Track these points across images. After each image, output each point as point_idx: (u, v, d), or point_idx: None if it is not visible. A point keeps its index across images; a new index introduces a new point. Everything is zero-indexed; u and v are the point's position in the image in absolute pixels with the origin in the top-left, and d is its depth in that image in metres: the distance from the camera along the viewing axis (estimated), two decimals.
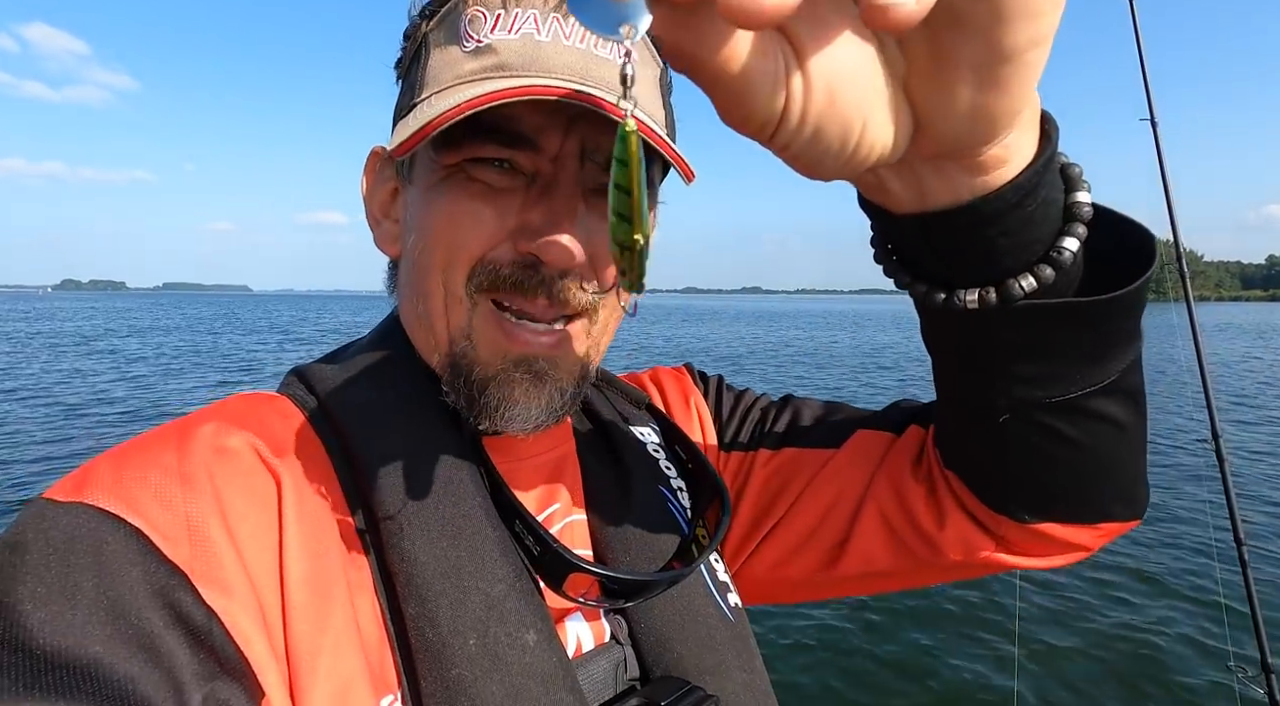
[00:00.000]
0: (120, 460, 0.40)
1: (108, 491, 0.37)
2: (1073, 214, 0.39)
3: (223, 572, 0.37)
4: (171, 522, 0.37)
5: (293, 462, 0.44)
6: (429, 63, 0.49)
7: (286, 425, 0.48)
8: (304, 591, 0.40)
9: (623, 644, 0.53)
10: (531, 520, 0.47)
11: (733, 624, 0.57)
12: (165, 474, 0.39)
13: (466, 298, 0.48)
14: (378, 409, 0.49)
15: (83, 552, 0.35)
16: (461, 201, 0.47)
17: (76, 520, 0.36)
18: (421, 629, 0.42)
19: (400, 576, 0.43)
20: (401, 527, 0.44)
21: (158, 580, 0.35)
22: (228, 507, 0.39)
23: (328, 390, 0.50)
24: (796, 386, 13.23)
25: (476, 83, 0.46)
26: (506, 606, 0.44)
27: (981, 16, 0.25)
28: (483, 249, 0.48)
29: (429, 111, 0.45)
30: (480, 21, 0.47)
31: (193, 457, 0.40)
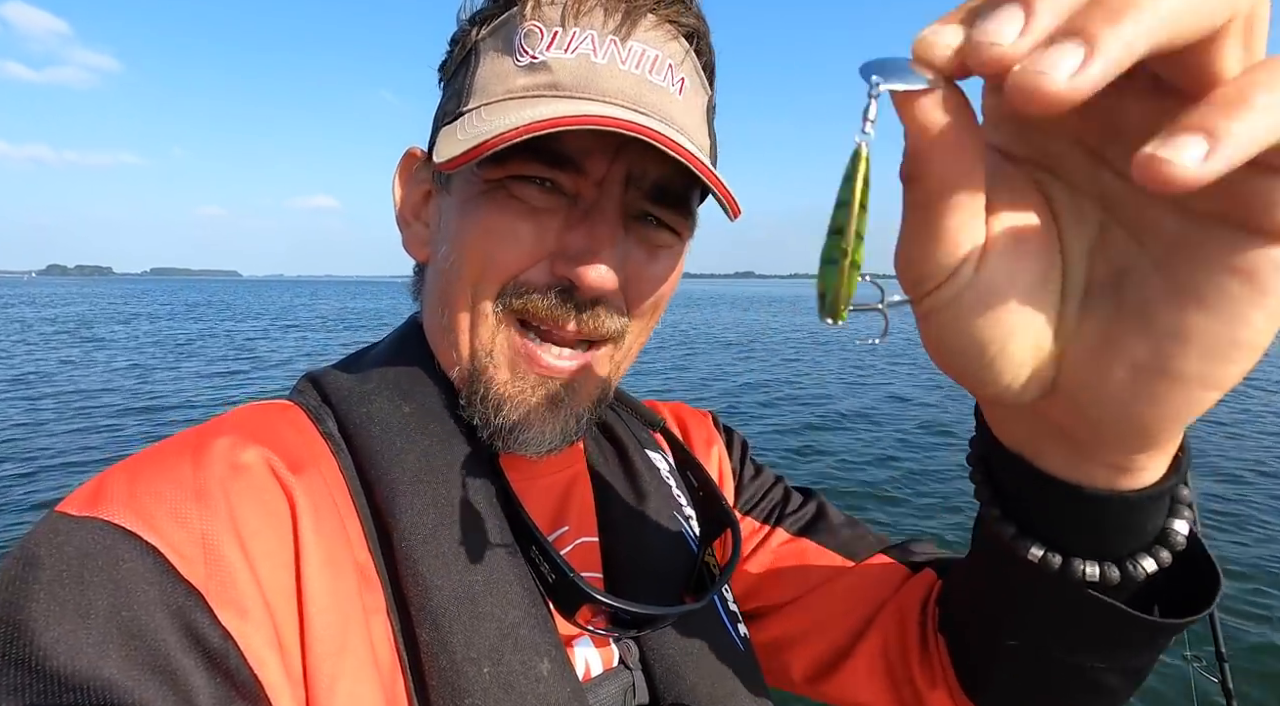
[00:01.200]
0: (135, 474, 0.39)
1: (123, 506, 0.36)
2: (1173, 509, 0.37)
3: (238, 593, 0.36)
4: (187, 540, 0.36)
5: (308, 479, 0.43)
6: (478, 71, 0.49)
7: (301, 439, 0.46)
8: (322, 613, 0.39)
9: (631, 668, 0.52)
10: (548, 546, 0.46)
11: (743, 653, 0.57)
12: (181, 489, 0.38)
13: (493, 314, 0.48)
14: (395, 424, 0.48)
15: (98, 570, 0.34)
16: (501, 218, 0.47)
17: (91, 536, 0.35)
18: (435, 655, 0.41)
19: (415, 600, 0.42)
20: (417, 550, 0.43)
21: (174, 600, 0.34)
22: (243, 525, 0.38)
23: (344, 402, 0.49)
24: (800, 378, 13.27)
25: (529, 100, 0.46)
26: (521, 634, 0.43)
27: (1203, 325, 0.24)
28: (518, 268, 0.47)
29: (482, 127, 0.44)
30: (536, 37, 0.47)
31: (208, 473, 0.39)
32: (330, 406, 0.49)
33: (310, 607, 0.39)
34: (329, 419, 0.49)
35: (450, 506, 0.45)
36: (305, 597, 0.39)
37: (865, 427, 8.56)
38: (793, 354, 16.20)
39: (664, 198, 0.49)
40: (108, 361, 14.17)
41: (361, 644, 0.40)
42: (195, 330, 22.39)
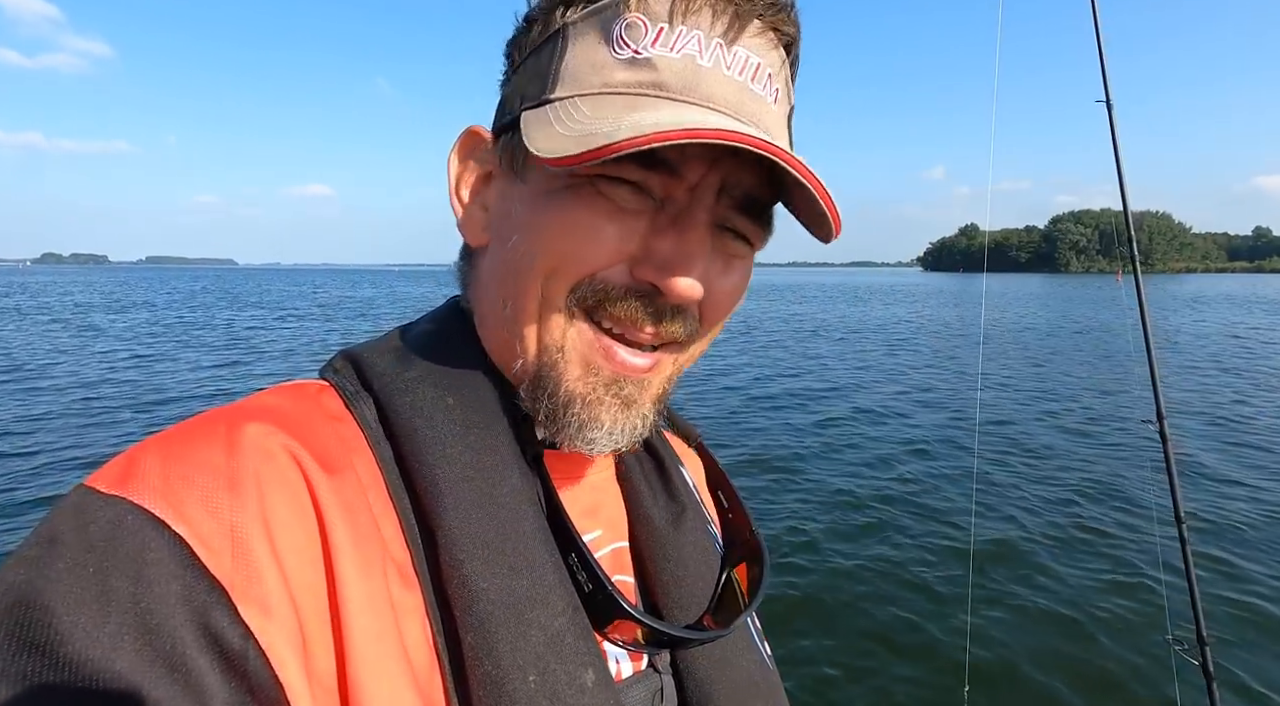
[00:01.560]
0: (168, 454, 0.37)
1: (154, 491, 0.35)
2: None
3: (264, 590, 0.35)
4: (216, 532, 0.35)
5: (339, 475, 0.41)
6: (567, 57, 0.46)
7: (335, 429, 0.44)
8: (356, 613, 0.38)
9: (661, 672, 0.52)
10: (589, 556, 0.45)
11: (771, 673, 0.58)
12: (214, 476, 0.36)
13: (564, 310, 0.46)
14: (440, 417, 0.46)
15: (122, 557, 0.33)
16: (586, 215, 0.45)
17: (119, 518, 0.34)
18: (480, 660, 0.40)
19: (459, 603, 0.41)
20: (463, 551, 0.42)
21: (197, 596, 0.33)
22: (273, 518, 0.37)
23: (385, 389, 0.47)
24: (812, 366, 13.25)
25: (635, 98, 0.44)
26: (566, 642, 0.42)
27: None
28: (595, 267, 0.46)
29: (592, 124, 0.42)
30: (640, 31, 0.44)
31: (241, 460, 0.38)
32: (370, 392, 0.47)
33: (344, 607, 0.37)
34: (368, 406, 0.46)
35: (495, 506, 0.44)
36: (339, 596, 0.38)
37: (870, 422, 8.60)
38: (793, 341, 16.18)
39: (751, 208, 0.48)
40: (106, 351, 14.13)
41: (395, 645, 0.39)
42: (195, 319, 22.31)
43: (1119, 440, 7.43)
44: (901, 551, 4.64)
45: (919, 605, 3.95)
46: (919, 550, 4.66)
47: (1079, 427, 8.11)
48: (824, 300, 39.16)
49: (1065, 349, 15.85)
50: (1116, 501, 5.56)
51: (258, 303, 31.96)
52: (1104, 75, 2.20)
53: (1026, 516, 5.26)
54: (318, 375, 0.50)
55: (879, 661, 3.45)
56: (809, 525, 4.96)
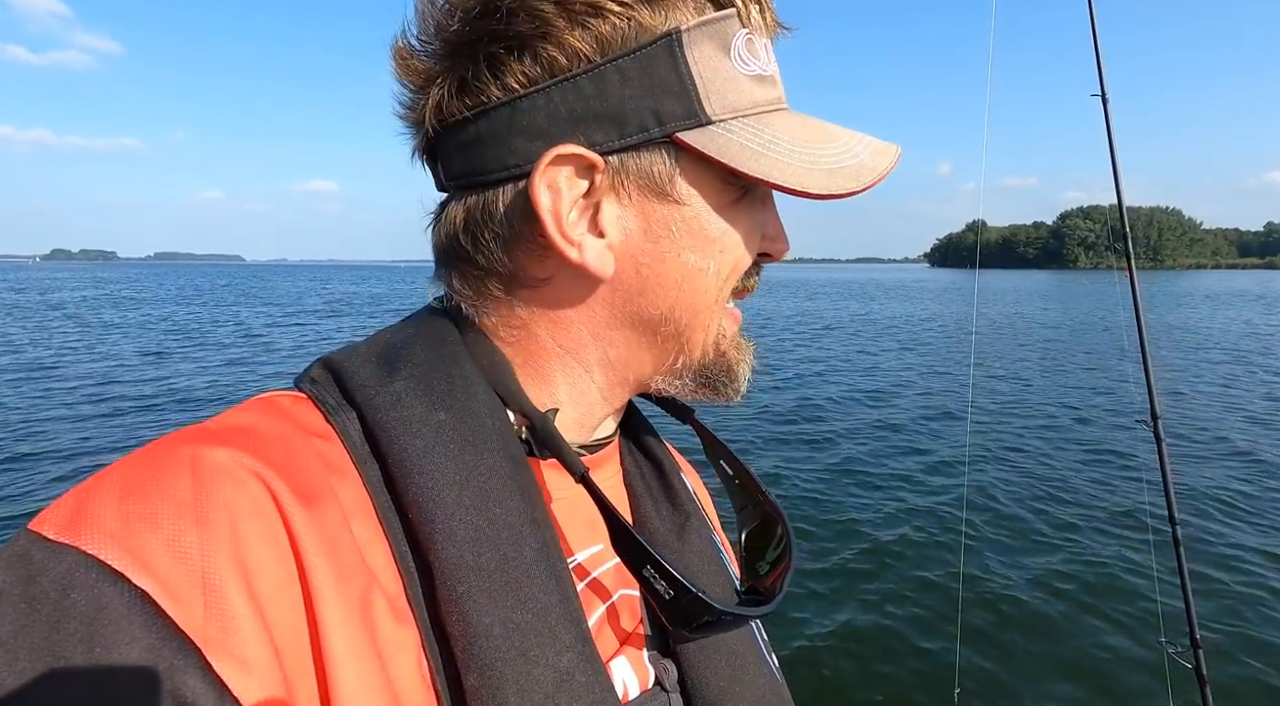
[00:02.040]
0: (127, 489, 0.34)
1: (111, 537, 0.31)
2: None
3: (240, 641, 0.32)
4: (185, 580, 0.32)
5: (320, 505, 0.38)
6: (696, 68, 0.44)
7: (314, 449, 0.41)
8: (339, 658, 0.35)
9: (669, 691, 0.50)
10: (666, 564, 0.44)
11: (779, 684, 0.57)
12: (180, 513, 0.33)
13: (726, 302, 0.51)
14: (431, 434, 0.43)
15: (75, 616, 0.30)
16: (753, 220, 0.50)
17: (70, 572, 0.30)
18: (484, 703, 0.38)
19: (460, 641, 0.38)
20: (462, 583, 0.39)
21: (164, 658, 0.30)
22: (249, 558, 0.34)
23: (370, 403, 0.43)
24: (826, 360, 13.24)
25: (782, 114, 0.48)
26: (577, 680, 0.40)
27: None
28: (752, 259, 0.51)
29: (813, 151, 0.47)
30: (755, 47, 0.47)
31: (210, 491, 0.34)
32: (354, 405, 0.44)
33: (328, 653, 0.35)
34: (351, 421, 0.43)
35: (495, 533, 0.41)
36: (321, 641, 0.35)
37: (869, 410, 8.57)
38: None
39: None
40: (119, 349, 14.22)
41: (383, 693, 0.36)
42: (207, 316, 22.43)
43: (1113, 439, 7.40)
44: (891, 549, 4.62)
45: (909, 605, 3.93)
46: (909, 548, 4.64)
47: (1073, 427, 8.07)
48: (832, 297, 39.11)
49: (1065, 347, 15.75)
50: (1108, 501, 5.53)
51: (282, 300, 32.10)
52: (1099, 69, 2.18)
53: (1019, 517, 5.23)
54: (293, 385, 0.46)
55: (868, 662, 3.43)
56: (796, 519, 4.95)
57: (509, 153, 0.45)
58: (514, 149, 0.45)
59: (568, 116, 0.44)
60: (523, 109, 0.44)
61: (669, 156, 0.45)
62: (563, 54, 0.43)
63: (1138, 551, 4.46)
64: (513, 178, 0.45)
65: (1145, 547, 4.03)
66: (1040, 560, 4.49)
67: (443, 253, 0.50)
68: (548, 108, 0.44)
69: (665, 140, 0.45)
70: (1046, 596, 4.04)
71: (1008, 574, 4.31)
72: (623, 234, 0.47)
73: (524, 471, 0.45)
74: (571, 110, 0.44)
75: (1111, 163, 2.18)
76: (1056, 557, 4.53)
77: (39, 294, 33.68)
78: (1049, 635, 3.66)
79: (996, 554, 4.58)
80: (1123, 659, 3.42)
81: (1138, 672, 3.28)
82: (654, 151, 0.45)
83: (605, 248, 0.47)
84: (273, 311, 24.94)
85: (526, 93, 0.44)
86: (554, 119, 0.44)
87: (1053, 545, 4.73)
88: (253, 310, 25.28)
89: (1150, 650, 3.30)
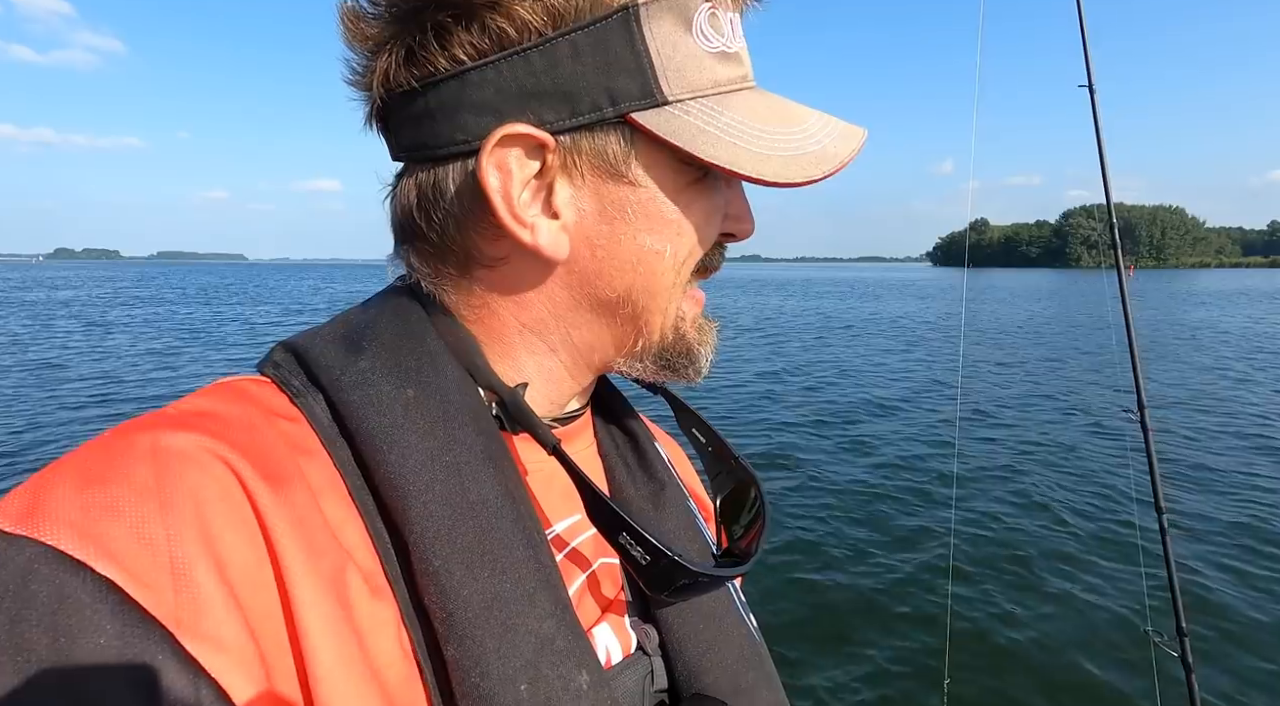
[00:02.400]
0: (85, 477, 0.33)
1: (70, 526, 0.30)
2: None
3: (214, 623, 0.31)
4: (152, 566, 0.31)
5: (288, 485, 0.38)
6: (653, 45, 0.43)
7: (279, 427, 0.40)
8: (314, 637, 0.34)
9: (650, 655, 0.51)
10: (641, 532, 0.44)
11: (759, 645, 0.57)
12: (142, 498, 0.32)
13: (685, 285, 0.50)
14: (399, 411, 0.42)
15: (36, 607, 0.29)
16: (713, 202, 0.49)
17: (28, 563, 0.29)
18: (466, 672, 0.37)
19: (437, 612, 0.38)
20: (437, 555, 0.39)
21: (133, 646, 0.29)
22: (218, 541, 0.33)
23: (336, 383, 0.43)
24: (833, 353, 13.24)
25: (743, 93, 0.47)
26: (557, 645, 0.40)
27: None
28: (712, 241, 0.50)
29: (782, 138, 0.46)
30: (719, 22, 0.45)
31: (172, 475, 0.34)
32: (319, 386, 0.43)
33: (303, 631, 0.34)
34: (317, 402, 0.43)
35: (469, 505, 0.41)
36: (296, 620, 0.34)
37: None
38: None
39: None
40: (126, 348, 14.25)
41: (362, 667, 0.36)
42: (208, 314, 22.46)
43: (1101, 430, 7.46)
44: (881, 537, 4.64)
45: (898, 593, 3.95)
46: (898, 537, 4.67)
47: (1062, 418, 8.14)
48: (831, 297, 39.07)
49: (1058, 344, 15.74)
50: (1095, 491, 5.56)
51: (284, 299, 32.10)
52: (1086, 59, 2.18)
53: (1007, 506, 5.26)
54: (256, 370, 0.46)
55: (859, 648, 3.44)
56: (785, 510, 4.97)
57: (458, 128, 0.44)
58: (463, 124, 0.43)
59: (517, 92, 0.42)
60: (472, 82, 0.42)
61: (623, 137, 0.44)
62: (512, 25, 0.41)
63: (1125, 541, 4.50)
64: (462, 155, 0.44)
65: (1132, 537, 4.05)
66: (1027, 550, 4.52)
67: (399, 228, 0.49)
68: (497, 82, 0.42)
69: (619, 120, 0.43)
70: (1034, 585, 4.07)
71: (995, 564, 4.34)
72: (577, 215, 0.46)
73: (496, 445, 0.45)
74: (521, 86, 0.42)
75: (1099, 154, 2.19)
76: (1045, 546, 4.57)
77: (47, 290, 33.74)
78: (1037, 624, 3.67)
79: (983, 543, 4.62)
80: (1108, 648, 3.44)
81: (1125, 661, 3.30)
82: (608, 131, 0.44)
83: (559, 229, 0.46)
84: (273, 310, 24.95)
85: (475, 66, 0.42)
86: (503, 94, 0.42)
87: (1041, 534, 4.77)
88: (256, 309, 25.31)
89: (1136, 639, 3.31)
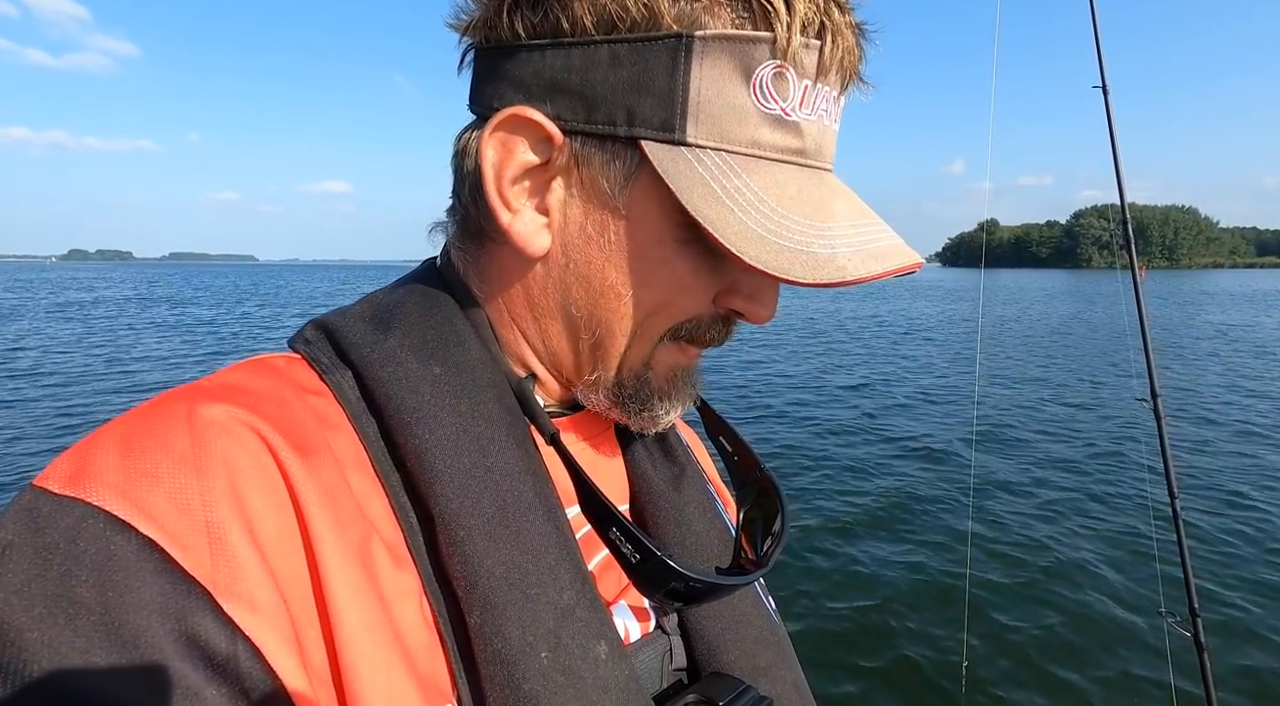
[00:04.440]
0: (128, 444, 0.34)
1: (114, 489, 0.32)
2: None
3: (249, 585, 0.33)
4: (190, 529, 0.32)
5: (315, 456, 0.39)
6: (697, 83, 0.40)
7: (308, 406, 0.41)
8: (345, 603, 0.36)
9: (669, 633, 0.52)
10: (631, 528, 0.43)
11: (778, 626, 0.58)
12: (179, 466, 0.34)
13: (657, 341, 0.47)
14: (426, 388, 0.43)
15: (85, 564, 0.30)
16: (695, 272, 0.45)
17: (77, 523, 0.31)
18: (489, 638, 0.38)
19: (461, 582, 0.39)
20: (462, 527, 0.40)
21: (173, 601, 0.31)
22: (250, 508, 0.34)
23: (365, 360, 0.44)
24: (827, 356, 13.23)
25: (781, 165, 0.42)
26: (577, 616, 0.41)
27: None
28: (696, 311, 0.47)
29: (796, 231, 0.41)
30: (788, 86, 0.41)
31: (208, 444, 0.35)
32: (348, 363, 0.44)
33: (330, 596, 0.35)
34: (346, 378, 0.44)
35: (493, 480, 0.42)
36: (323, 585, 0.36)
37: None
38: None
39: None
40: (142, 346, 14.35)
41: (387, 632, 0.37)
42: (216, 315, 22.58)
43: (1114, 419, 7.58)
44: (897, 527, 4.70)
45: (915, 578, 4.02)
46: (916, 527, 4.73)
47: (1077, 410, 8.24)
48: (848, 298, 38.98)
49: (1073, 339, 15.72)
50: (1110, 478, 5.63)
51: (289, 299, 32.21)
52: (1100, 60, 2.23)
53: (1022, 492, 5.34)
54: (288, 346, 0.47)
55: (876, 629, 3.51)
56: (804, 508, 5.03)
57: (495, 95, 0.45)
58: (499, 93, 0.45)
59: (549, 81, 0.43)
60: (519, 58, 0.44)
61: (629, 161, 0.42)
62: (566, 18, 0.42)
63: (1139, 525, 4.56)
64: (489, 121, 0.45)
65: (1146, 520, 4.13)
66: (1044, 532, 4.59)
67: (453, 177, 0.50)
68: (536, 66, 0.43)
69: (630, 142, 0.42)
70: (1049, 568, 4.14)
71: (1011, 549, 4.41)
72: (563, 220, 0.45)
73: (519, 422, 0.46)
74: (554, 77, 0.43)
75: (1113, 154, 2.24)
76: (1059, 531, 4.64)
77: (84, 291, 33.98)
78: (1050, 606, 3.74)
79: (999, 528, 4.69)
80: (1122, 629, 3.50)
81: (1137, 643, 3.36)
82: (617, 149, 0.42)
83: (542, 226, 0.45)
84: (290, 308, 25.11)
85: (525, 44, 0.43)
86: (538, 79, 0.43)
87: (1056, 518, 4.84)
88: (276, 308, 25.46)
89: (1150, 620, 3.37)
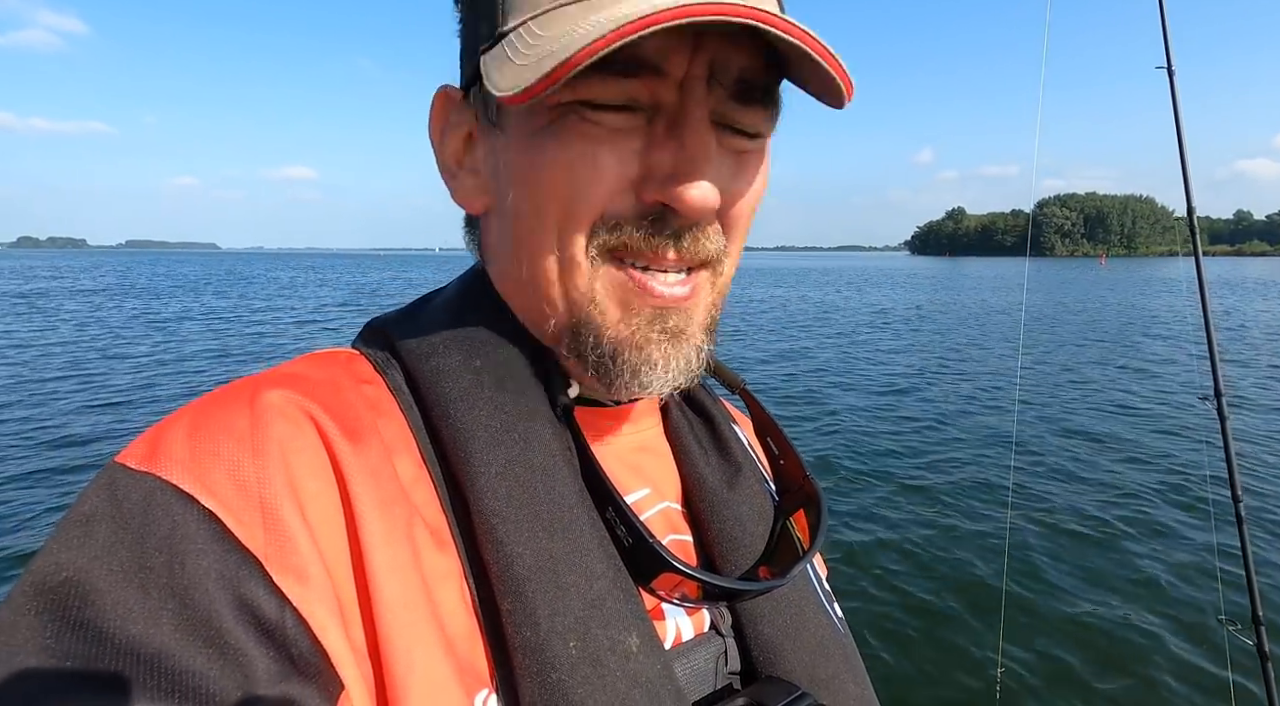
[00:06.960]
0: (194, 426, 0.37)
1: (181, 465, 0.35)
2: None
3: (299, 559, 0.35)
4: (245, 505, 0.35)
5: (365, 442, 0.41)
6: None
7: (363, 396, 0.44)
8: (386, 581, 0.37)
9: (724, 635, 0.50)
10: (627, 509, 0.44)
11: (842, 634, 0.55)
12: (239, 446, 0.36)
13: (586, 260, 0.43)
14: (467, 380, 0.45)
15: (157, 533, 0.33)
16: (577, 148, 0.41)
17: (150, 495, 0.34)
18: (519, 626, 0.39)
19: (495, 568, 0.40)
20: (496, 514, 0.41)
21: (229, 569, 0.33)
22: (301, 488, 0.37)
23: (411, 355, 0.47)
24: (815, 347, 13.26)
25: (584, 3, 0.39)
26: (608, 606, 0.41)
27: None
28: (604, 203, 0.42)
29: (546, 44, 0.38)
30: None
31: (265, 429, 0.37)
32: (398, 359, 0.47)
33: (372, 574, 0.37)
34: (397, 372, 0.47)
35: (528, 467, 0.43)
36: (366, 563, 0.37)
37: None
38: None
39: (748, 94, 0.43)
40: (120, 339, 13.90)
41: (426, 612, 0.38)
42: (196, 306, 21.99)
43: (1174, 416, 7.42)
44: (938, 521, 4.64)
45: (955, 574, 3.94)
46: (956, 521, 4.66)
47: (1127, 406, 8.09)
48: (820, 286, 39.33)
49: (1110, 331, 15.97)
50: (1169, 478, 5.52)
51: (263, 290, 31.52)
52: (1165, 40, 2.14)
53: (1070, 490, 5.25)
54: (350, 345, 0.50)
55: (913, 633, 3.43)
56: (841, 501, 4.96)
57: (462, 67, 0.49)
58: (462, 65, 0.48)
59: (467, 47, 0.47)
60: (461, 33, 0.48)
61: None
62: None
63: (1199, 529, 4.46)
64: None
65: (1206, 524, 4.06)
66: (1098, 534, 4.48)
67: None
68: (463, 35, 0.48)
69: (479, 66, 0.43)
70: (1102, 571, 4.05)
71: (1057, 547, 4.31)
72: (485, 169, 0.47)
73: (559, 412, 0.46)
74: (467, 41, 0.47)
75: (1178, 138, 2.15)
76: (1115, 532, 4.52)
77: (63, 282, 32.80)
78: (1102, 609, 3.65)
79: (1045, 526, 4.59)
80: (1180, 636, 3.42)
81: (1196, 650, 3.29)
82: (481, 79, 0.43)
83: (476, 187, 0.48)
84: (272, 305, 24.50)
85: (461, 16, 0.48)
86: (465, 48, 0.47)
87: (1111, 520, 4.71)
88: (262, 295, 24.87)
89: (1209, 627, 3.32)
